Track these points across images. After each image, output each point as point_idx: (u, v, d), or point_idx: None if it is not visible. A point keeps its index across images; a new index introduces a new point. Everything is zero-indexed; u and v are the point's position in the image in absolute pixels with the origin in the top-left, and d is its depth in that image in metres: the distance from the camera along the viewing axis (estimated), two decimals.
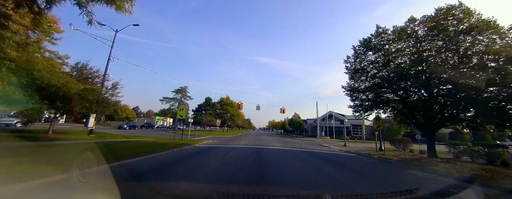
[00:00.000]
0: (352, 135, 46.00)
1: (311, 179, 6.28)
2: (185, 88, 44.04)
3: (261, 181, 5.60)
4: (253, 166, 7.75)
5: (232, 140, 24.29)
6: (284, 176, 6.47)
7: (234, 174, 6.26)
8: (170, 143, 14.91)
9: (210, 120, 42.43)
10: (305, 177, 6.52)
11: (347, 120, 47.92)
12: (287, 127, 58.45)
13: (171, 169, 6.68)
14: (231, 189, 4.65)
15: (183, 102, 43.44)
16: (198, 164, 7.76)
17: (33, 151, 7.27)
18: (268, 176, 6.23)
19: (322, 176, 6.88)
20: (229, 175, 6.17)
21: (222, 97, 53.05)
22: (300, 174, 6.93)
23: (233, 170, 6.81)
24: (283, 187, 5.09)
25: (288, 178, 6.15)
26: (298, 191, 4.91)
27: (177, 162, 8.09)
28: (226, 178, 5.72)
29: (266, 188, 4.90)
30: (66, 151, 8.58)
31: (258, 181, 5.51)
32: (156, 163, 7.46)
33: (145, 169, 6.31)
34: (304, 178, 6.36)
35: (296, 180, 6.02)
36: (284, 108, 35.03)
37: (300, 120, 48.55)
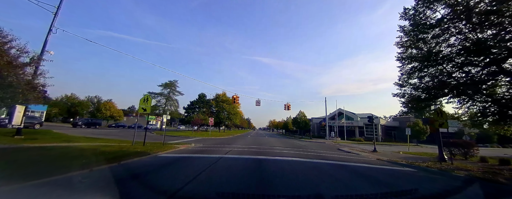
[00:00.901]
0: (365, 136, 40.35)
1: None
2: (174, 82, 38.41)
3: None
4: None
5: (225, 143, 18.64)
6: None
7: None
8: (115, 151, 9.39)
9: (203, 118, 36.76)
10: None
11: (359, 118, 42.24)
12: (290, 127, 52.75)
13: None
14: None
15: (172, 98, 37.79)
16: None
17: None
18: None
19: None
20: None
21: (218, 93, 47.43)
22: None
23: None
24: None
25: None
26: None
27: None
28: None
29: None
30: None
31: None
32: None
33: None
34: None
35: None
36: (289, 104, 29.38)
37: (306, 118, 42.91)
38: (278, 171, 6.94)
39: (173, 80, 38.11)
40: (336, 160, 10.90)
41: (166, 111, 37.02)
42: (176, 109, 38.78)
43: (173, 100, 37.82)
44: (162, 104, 36.51)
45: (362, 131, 41.67)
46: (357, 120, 41.88)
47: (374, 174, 7.55)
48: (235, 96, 22.67)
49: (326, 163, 9.38)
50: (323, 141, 31.87)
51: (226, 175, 6.14)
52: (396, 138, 44.98)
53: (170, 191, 4.11)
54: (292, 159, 9.62)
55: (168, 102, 37.23)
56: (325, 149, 17.74)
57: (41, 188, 3.98)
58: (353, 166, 9.26)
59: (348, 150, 17.64)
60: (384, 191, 4.95)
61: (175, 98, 38.27)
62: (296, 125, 43.31)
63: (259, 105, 25.47)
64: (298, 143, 24.23)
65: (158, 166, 6.92)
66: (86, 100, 75.23)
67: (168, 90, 37.29)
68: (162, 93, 36.46)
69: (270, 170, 7.03)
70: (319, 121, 45.33)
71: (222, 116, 46.60)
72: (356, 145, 27.41)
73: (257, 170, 6.97)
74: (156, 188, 4.43)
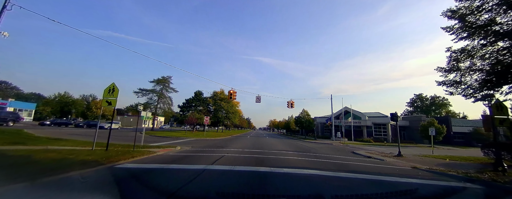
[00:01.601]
0: (374, 136, 37.31)
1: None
2: (167, 78, 35.28)
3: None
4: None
5: (219, 145, 15.68)
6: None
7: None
8: (57, 159, 6.65)
9: (198, 117, 33.77)
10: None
11: (367, 117, 39.23)
12: (293, 127, 49.69)
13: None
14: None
15: (165, 95, 34.73)
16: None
17: None
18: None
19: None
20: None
21: (216, 91, 44.41)
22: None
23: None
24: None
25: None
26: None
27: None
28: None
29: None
30: None
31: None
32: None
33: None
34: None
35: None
36: (293, 101, 26.39)
37: (310, 118, 39.84)
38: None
39: (166, 76, 35.08)
40: (364, 171, 7.90)
41: (158, 109, 34.02)
42: (169, 107, 35.74)
43: (166, 97, 34.75)
44: (154, 101, 33.45)
45: (370, 131, 38.62)
46: (365, 119, 38.82)
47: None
48: (232, 91, 19.70)
49: (359, 179, 6.37)
50: (329, 142, 28.87)
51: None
52: (405, 138, 41.97)
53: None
54: (309, 173, 6.60)
55: (161, 99, 34.16)
56: (339, 153, 14.75)
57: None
58: (398, 182, 6.25)
59: (367, 154, 14.65)
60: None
61: (169, 95, 35.22)
62: (299, 125, 40.29)
63: (259, 101, 22.55)
64: (304, 145, 21.25)
65: (90, 188, 3.96)
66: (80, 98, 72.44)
67: (160, 87, 34.20)
68: (154, 90, 33.39)
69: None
70: (324, 120, 42.31)
71: (220, 115, 43.57)
72: (370, 147, 24.42)
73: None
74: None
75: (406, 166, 10.39)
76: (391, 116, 14.68)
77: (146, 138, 20.36)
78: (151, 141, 17.05)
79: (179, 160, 8.36)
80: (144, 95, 33.16)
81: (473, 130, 39.87)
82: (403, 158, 13.47)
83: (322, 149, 17.12)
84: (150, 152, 9.63)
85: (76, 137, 16.42)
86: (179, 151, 11.61)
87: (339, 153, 15.01)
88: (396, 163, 11.11)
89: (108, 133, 10.07)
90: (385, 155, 14.49)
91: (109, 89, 9.83)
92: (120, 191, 3.86)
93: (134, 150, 9.67)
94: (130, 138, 17.47)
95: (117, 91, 9.78)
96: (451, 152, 23.20)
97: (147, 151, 9.72)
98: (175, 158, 8.89)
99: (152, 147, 12.30)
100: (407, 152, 17.40)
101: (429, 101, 78.88)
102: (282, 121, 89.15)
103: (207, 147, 14.11)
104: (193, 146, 14.33)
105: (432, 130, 19.09)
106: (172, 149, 11.75)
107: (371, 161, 11.64)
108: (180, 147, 13.24)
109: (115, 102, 9.73)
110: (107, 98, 9.77)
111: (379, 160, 12.36)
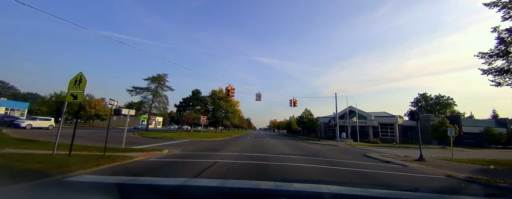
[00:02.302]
0: (380, 137, 35.37)
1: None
2: (163, 75, 33.42)
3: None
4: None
5: (215, 148, 13.83)
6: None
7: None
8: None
9: (195, 117, 31.90)
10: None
11: (373, 117, 37.31)
12: (294, 127, 47.77)
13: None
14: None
15: (160, 94, 32.86)
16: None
17: None
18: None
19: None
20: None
21: (214, 90, 42.57)
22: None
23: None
24: None
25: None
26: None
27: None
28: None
29: None
30: None
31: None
32: None
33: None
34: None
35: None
36: (295, 99, 24.53)
37: (313, 117, 37.92)
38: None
39: (162, 74, 33.21)
40: (397, 184, 6.07)
41: (153, 109, 32.17)
42: (165, 106, 33.87)
43: (161, 96, 32.88)
44: (148, 100, 31.58)
45: (377, 132, 36.70)
46: (371, 119, 36.89)
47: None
48: (230, 87, 17.85)
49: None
50: (334, 144, 26.98)
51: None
52: (412, 139, 40.06)
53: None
54: (332, 191, 4.67)
55: (156, 98, 32.30)
56: (351, 157, 12.88)
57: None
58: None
59: (383, 158, 12.77)
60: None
61: (164, 94, 33.35)
62: (301, 125, 38.35)
63: (259, 99, 20.70)
64: (309, 147, 19.37)
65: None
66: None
67: (156, 85, 32.33)
68: (148, 88, 31.53)
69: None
70: (327, 120, 40.40)
71: (218, 115, 41.70)
72: (379, 149, 22.54)
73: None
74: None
75: (438, 174, 8.53)
76: (410, 115, 12.88)
77: (136, 140, 18.61)
78: (138, 143, 15.23)
79: (157, 169, 6.51)
80: (138, 93, 31.31)
81: (484, 130, 37.96)
82: (427, 163, 11.60)
83: (330, 152, 15.24)
84: (125, 158, 7.78)
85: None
86: (164, 155, 9.76)
87: (350, 157, 13.13)
88: (424, 170, 9.24)
89: (105, 134, 8.21)
90: (404, 160, 12.62)
91: (76, 79, 7.99)
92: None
93: (104, 156, 7.81)
94: (117, 139, 15.68)
95: (84, 82, 7.93)
96: (470, 154, 21.32)
97: (122, 157, 7.87)
98: (154, 166, 7.03)
99: (134, 150, 10.46)
100: (427, 155, 15.47)
101: (434, 100, 76.96)
102: (283, 121, 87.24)
103: (200, 150, 12.26)
104: (184, 149, 12.48)
105: (452, 130, 17.22)
106: (156, 153, 9.90)
107: (393, 168, 9.76)
108: (168, 150, 11.40)
109: (81, 96, 7.88)
110: (72, 91, 7.91)
111: (401, 165, 10.49)
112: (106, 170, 6.11)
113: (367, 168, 8.80)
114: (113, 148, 10.64)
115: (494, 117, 55.73)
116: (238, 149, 13.62)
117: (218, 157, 9.43)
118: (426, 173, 8.71)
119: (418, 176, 7.94)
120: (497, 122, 43.60)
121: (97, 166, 6.51)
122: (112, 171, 6.07)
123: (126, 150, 10.13)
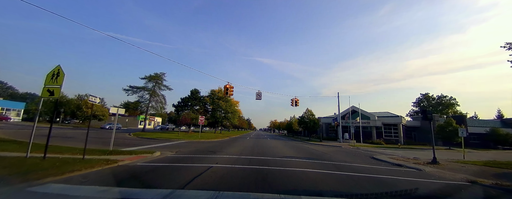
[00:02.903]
0: (384, 138, 34.42)
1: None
2: (161, 74, 32.53)
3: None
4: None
5: (211, 150, 12.92)
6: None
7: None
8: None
9: (193, 117, 30.98)
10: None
11: (377, 117, 36.37)
12: (295, 127, 46.80)
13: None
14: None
15: (158, 94, 31.95)
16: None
17: None
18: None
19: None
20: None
21: (213, 90, 41.63)
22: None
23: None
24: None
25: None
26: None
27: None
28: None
29: None
30: None
31: None
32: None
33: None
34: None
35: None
36: (297, 98, 23.62)
37: (315, 118, 36.98)
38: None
39: (159, 73, 32.30)
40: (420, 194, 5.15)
41: (150, 108, 31.25)
42: (162, 106, 32.98)
43: (158, 95, 31.98)
44: (145, 100, 30.69)
45: (380, 132, 35.75)
46: (374, 119, 35.94)
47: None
48: (228, 85, 16.94)
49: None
50: (338, 145, 26.05)
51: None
52: (416, 139, 39.09)
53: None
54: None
55: (153, 98, 31.38)
56: (359, 160, 11.97)
57: None
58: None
59: (394, 161, 11.83)
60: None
61: (162, 94, 32.42)
62: (303, 125, 37.41)
63: (259, 98, 19.79)
64: (312, 149, 18.45)
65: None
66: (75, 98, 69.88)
67: (153, 84, 31.43)
68: (145, 87, 30.61)
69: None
70: (330, 120, 39.46)
71: (218, 115, 40.75)
72: (385, 150, 21.59)
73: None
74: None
75: (458, 179, 7.61)
76: (423, 114, 11.89)
77: (129, 141, 17.68)
78: (131, 144, 14.33)
79: (140, 176, 5.60)
80: (134, 92, 30.40)
81: (490, 130, 37.02)
82: (442, 166, 10.68)
83: (336, 155, 14.30)
84: (107, 162, 6.87)
85: (54, 139, 13.66)
86: (154, 158, 8.85)
87: (358, 160, 12.20)
88: (442, 175, 8.32)
89: (99, 135, 7.29)
90: (416, 162, 11.69)
91: (53, 73, 7.09)
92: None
93: (84, 160, 6.89)
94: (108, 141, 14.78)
95: (62, 76, 7.03)
96: (480, 155, 20.40)
97: (104, 161, 6.96)
98: (138, 172, 6.12)
99: (122, 152, 9.54)
100: (438, 157, 14.48)
101: (436, 100, 75.96)
102: (284, 121, 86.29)
103: (195, 153, 11.34)
104: (179, 151, 11.57)
105: (463, 131, 16.29)
106: (145, 156, 8.99)
107: (408, 172, 8.83)
108: (160, 152, 10.49)
109: (58, 91, 6.97)
110: (49, 86, 7.01)
111: (415, 170, 9.57)
112: (79, 178, 5.20)
113: (380, 174, 7.87)
114: (100, 150, 9.75)
115: (499, 117, 54.81)
116: (237, 151, 12.70)
117: (214, 161, 8.51)
118: (445, 178, 7.79)
119: (438, 182, 7.02)
120: (503, 122, 42.68)
121: (71, 172, 5.61)
122: (85, 178, 5.17)
123: (113, 153, 9.23)
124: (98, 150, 9.79)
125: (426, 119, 11.53)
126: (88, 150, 9.67)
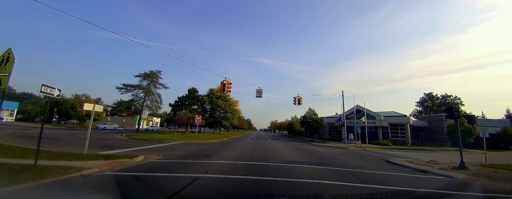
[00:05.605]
0: (390, 138, 32.84)
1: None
2: (157, 72, 31.03)
3: None
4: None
5: (205, 153, 11.38)
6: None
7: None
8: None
9: (190, 117, 29.46)
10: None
11: (383, 117, 34.79)
12: (297, 127, 45.26)
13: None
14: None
15: (153, 92, 30.45)
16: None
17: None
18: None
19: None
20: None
21: (212, 88, 40.10)
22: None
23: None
24: None
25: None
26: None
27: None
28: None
29: None
30: None
31: None
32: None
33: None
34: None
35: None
36: (300, 97, 22.07)
37: (317, 117, 35.40)
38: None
39: (155, 70, 30.80)
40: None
41: (145, 108, 29.72)
42: (158, 105, 31.46)
43: (154, 94, 30.47)
44: (139, 99, 29.17)
45: (386, 133, 34.16)
46: (380, 119, 34.35)
47: None
48: (226, 81, 15.41)
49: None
50: (343, 146, 24.46)
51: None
52: (424, 140, 37.47)
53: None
54: None
55: (148, 96, 29.89)
56: (374, 165, 10.42)
57: None
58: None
59: (414, 166, 10.26)
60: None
61: (157, 92, 30.91)
62: (305, 126, 35.85)
63: (260, 96, 18.25)
64: (318, 151, 16.89)
65: None
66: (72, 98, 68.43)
67: (148, 82, 29.93)
68: (140, 85, 29.13)
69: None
70: (333, 120, 37.90)
71: (216, 115, 39.20)
72: (394, 151, 20.02)
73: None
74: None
75: (507, 191, 6.05)
76: (447, 111, 10.30)
77: (117, 142, 16.14)
78: (116, 147, 12.80)
79: (98, 192, 4.05)
80: (128, 91, 28.88)
81: (501, 130, 35.41)
82: (472, 172, 9.12)
83: (346, 158, 12.73)
84: (67, 171, 5.34)
85: (30, 140, 12.12)
86: (131, 165, 7.31)
87: (374, 164, 10.64)
88: (483, 185, 6.77)
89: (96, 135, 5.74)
90: (442, 168, 10.11)
91: (2, 59, 5.57)
92: None
93: (35, 167, 5.36)
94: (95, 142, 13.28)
95: (12, 61, 5.49)
96: (498, 157, 18.86)
97: (63, 169, 5.43)
98: (99, 185, 4.59)
99: (96, 157, 7.99)
100: (452, 160, 12.88)
101: (440, 100, 74.30)
102: (284, 122, 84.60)
103: (185, 157, 9.80)
104: (167, 155, 10.03)
105: (485, 131, 14.73)
106: (123, 162, 7.45)
107: (440, 182, 7.27)
108: (143, 156, 8.96)
109: (6, 81, 5.43)
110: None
111: (446, 177, 8.00)
112: (15, 195, 3.67)
113: (412, 185, 6.31)
114: (72, 154, 8.23)
115: (508, 117, 53.16)
116: (234, 155, 11.14)
117: (204, 169, 6.97)
118: (491, 190, 6.24)
119: (490, 196, 5.48)
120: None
121: (8, 185, 4.10)
122: (22, 195, 3.64)
123: (86, 157, 7.69)
124: (70, 153, 8.28)
125: (452, 117, 9.97)
126: (58, 154, 8.18)
